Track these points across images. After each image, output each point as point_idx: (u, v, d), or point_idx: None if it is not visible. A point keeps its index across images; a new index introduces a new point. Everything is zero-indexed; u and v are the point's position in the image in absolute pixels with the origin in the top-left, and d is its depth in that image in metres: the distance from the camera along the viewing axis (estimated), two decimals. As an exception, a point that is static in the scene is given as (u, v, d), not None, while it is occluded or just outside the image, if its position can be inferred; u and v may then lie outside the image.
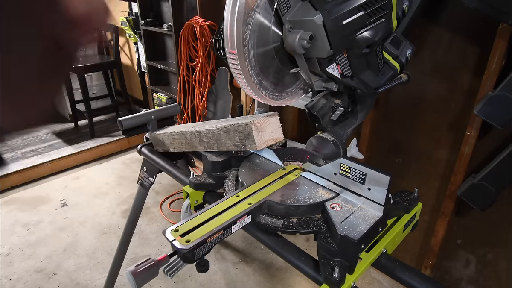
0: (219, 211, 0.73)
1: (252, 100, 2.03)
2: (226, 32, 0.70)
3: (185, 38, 2.26)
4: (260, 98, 0.81)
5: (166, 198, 2.47)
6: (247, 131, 0.85)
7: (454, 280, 1.53)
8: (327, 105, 0.91)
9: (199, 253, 0.64)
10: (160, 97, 2.77)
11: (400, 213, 0.88)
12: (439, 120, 1.37)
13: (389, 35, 0.82)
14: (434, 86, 1.35)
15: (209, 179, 0.98)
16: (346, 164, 0.77)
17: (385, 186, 0.70)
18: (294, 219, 0.77)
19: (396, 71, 0.84)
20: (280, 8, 0.71)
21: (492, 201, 1.15)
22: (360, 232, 0.67)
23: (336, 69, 0.75)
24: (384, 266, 0.77)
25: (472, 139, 1.20)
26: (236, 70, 0.73)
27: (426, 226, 1.55)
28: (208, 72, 2.30)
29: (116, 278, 1.60)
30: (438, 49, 1.29)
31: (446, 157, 1.40)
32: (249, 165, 0.97)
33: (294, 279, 1.80)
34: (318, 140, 0.93)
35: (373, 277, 1.80)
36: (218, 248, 2.01)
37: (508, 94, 1.01)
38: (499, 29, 1.05)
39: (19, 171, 2.57)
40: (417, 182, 1.54)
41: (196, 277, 1.80)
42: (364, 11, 0.70)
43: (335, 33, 0.68)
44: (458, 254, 1.48)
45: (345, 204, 0.77)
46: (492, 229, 1.34)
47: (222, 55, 2.03)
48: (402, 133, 1.53)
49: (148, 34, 2.61)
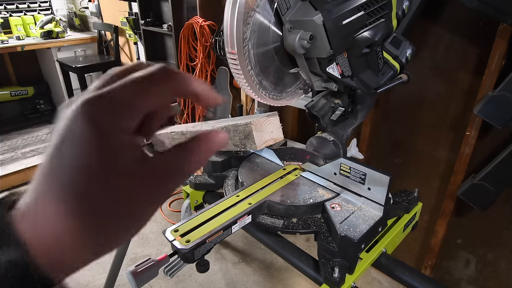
0: (219, 211, 0.73)
1: (252, 100, 2.03)
2: (226, 32, 0.70)
3: (185, 38, 2.26)
4: (260, 98, 0.81)
5: (166, 198, 2.47)
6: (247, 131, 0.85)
7: (454, 280, 1.53)
8: (327, 105, 0.91)
9: (199, 253, 0.64)
10: (160, 97, 2.77)
11: (400, 213, 0.88)
12: (439, 120, 1.37)
13: (389, 35, 0.82)
14: (434, 86, 1.34)
15: (209, 179, 0.98)
16: (346, 164, 0.77)
17: (385, 186, 0.70)
18: (294, 219, 0.77)
19: (396, 71, 0.85)
20: (280, 8, 0.71)
21: (492, 201, 1.15)
22: (360, 232, 0.67)
23: (336, 69, 0.75)
24: (384, 266, 0.77)
25: (472, 140, 1.20)
26: (236, 70, 0.73)
27: (426, 226, 1.55)
28: (208, 72, 2.30)
29: (116, 278, 1.60)
30: (438, 49, 1.29)
31: (446, 157, 1.40)
32: (249, 165, 0.97)
33: (294, 279, 1.80)
34: (318, 140, 0.93)
35: (373, 277, 1.80)
36: (218, 248, 2.01)
37: (508, 94, 1.01)
38: (499, 29, 1.05)
39: (19, 171, 2.57)
40: (417, 182, 1.53)
41: (196, 277, 1.80)
42: (364, 11, 0.70)
43: (335, 33, 0.68)
44: (458, 254, 1.48)
45: (345, 204, 0.77)
46: (492, 229, 1.34)
47: (222, 55, 2.03)
48: (402, 133, 1.53)
49: (148, 34, 2.61)
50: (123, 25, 2.88)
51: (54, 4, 3.53)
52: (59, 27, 3.14)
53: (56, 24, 3.12)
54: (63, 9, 3.66)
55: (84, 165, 0.20)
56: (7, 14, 3.13)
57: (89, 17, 3.57)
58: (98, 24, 3.28)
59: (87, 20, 3.63)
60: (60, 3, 3.61)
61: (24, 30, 3.16)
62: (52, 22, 3.09)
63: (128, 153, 0.22)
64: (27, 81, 3.52)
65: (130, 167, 0.21)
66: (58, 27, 3.13)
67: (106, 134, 0.21)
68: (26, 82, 3.51)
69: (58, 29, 3.10)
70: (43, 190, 0.21)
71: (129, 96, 0.22)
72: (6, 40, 2.88)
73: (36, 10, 3.34)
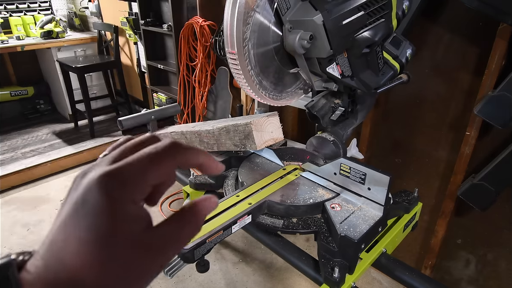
0: (219, 211, 0.73)
1: (252, 100, 2.03)
2: (226, 32, 0.70)
3: (185, 38, 2.26)
4: (260, 98, 0.81)
5: (166, 198, 2.47)
6: (247, 131, 0.85)
7: (454, 280, 1.53)
8: (327, 105, 0.91)
9: (199, 253, 0.64)
10: (160, 97, 2.77)
11: (400, 213, 0.88)
12: (439, 120, 1.37)
13: (389, 35, 0.82)
14: (434, 86, 1.34)
15: (209, 179, 0.98)
16: (346, 164, 0.77)
17: (385, 186, 0.70)
18: (294, 219, 0.77)
19: (396, 71, 0.84)
20: (280, 8, 0.71)
21: (492, 201, 1.15)
22: (360, 232, 0.67)
23: (336, 69, 0.75)
24: (384, 266, 0.77)
25: (472, 140, 1.20)
26: (236, 70, 0.73)
27: (426, 226, 1.55)
28: (208, 72, 2.30)
29: None
30: (438, 49, 1.29)
31: (446, 157, 1.40)
32: (249, 165, 0.97)
33: (294, 279, 1.80)
34: (318, 140, 0.93)
35: (373, 277, 1.80)
36: (218, 248, 2.01)
37: (508, 94, 1.01)
38: (499, 29, 1.05)
39: (19, 171, 2.57)
40: (417, 182, 1.53)
41: (196, 277, 1.80)
42: (364, 11, 0.70)
43: (335, 33, 0.68)
44: (458, 254, 1.48)
45: (345, 204, 0.77)
46: (492, 229, 1.34)
47: (222, 55, 2.03)
48: (402, 133, 1.53)
49: (148, 34, 2.61)
50: (123, 25, 2.88)
51: (54, 4, 3.53)
52: (59, 27, 3.14)
53: (56, 24, 3.12)
54: (63, 9, 3.66)
55: (96, 235, 0.22)
56: (7, 14, 3.13)
57: (89, 17, 3.57)
58: (98, 24, 3.28)
59: (87, 20, 3.63)
60: (60, 3, 3.61)
61: (24, 30, 3.16)
62: (52, 22, 3.09)
63: (137, 223, 0.23)
64: (27, 81, 3.52)
65: (138, 236, 0.23)
66: (58, 27, 3.13)
67: (119, 206, 0.22)
68: (26, 82, 3.51)
69: (58, 29, 3.10)
70: (54, 257, 0.22)
71: (141, 172, 0.24)
72: (6, 40, 2.88)
73: (36, 10, 3.34)
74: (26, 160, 2.73)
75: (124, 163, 0.24)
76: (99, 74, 3.51)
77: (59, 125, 3.42)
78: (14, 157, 2.79)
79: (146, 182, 0.24)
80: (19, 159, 2.74)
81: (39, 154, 2.84)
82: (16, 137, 3.15)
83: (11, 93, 3.38)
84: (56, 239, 0.22)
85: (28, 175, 2.61)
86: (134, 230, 0.23)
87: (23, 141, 3.08)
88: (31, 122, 3.47)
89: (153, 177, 0.24)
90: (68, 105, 3.32)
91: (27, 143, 3.05)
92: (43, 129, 3.34)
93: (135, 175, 0.23)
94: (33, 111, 3.58)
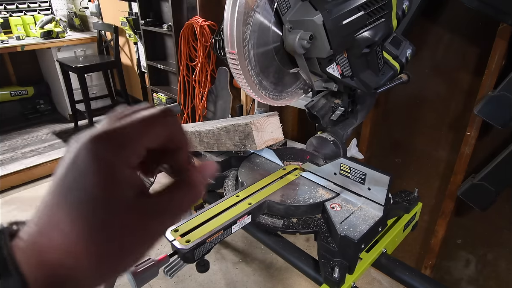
0: (219, 211, 0.73)
1: (252, 100, 2.03)
2: (226, 32, 0.70)
3: (185, 38, 2.26)
4: (260, 98, 0.81)
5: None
6: (247, 131, 0.85)
7: (454, 280, 1.53)
8: (327, 105, 0.91)
9: (199, 253, 0.64)
10: (160, 97, 2.77)
11: (400, 213, 0.88)
12: (439, 120, 1.37)
13: (389, 35, 0.82)
14: (434, 86, 1.34)
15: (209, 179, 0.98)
16: (346, 164, 0.77)
17: (385, 186, 0.70)
18: (294, 219, 0.77)
19: (396, 71, 0.84)
20: (280, 8, 0.71)
21: (492, 201, 1.15)
22: (360, 232, 0.67)
23: (336, 69, 0.75)
24: (384, 266, 0.77)
25: (472, 140, 1.20)
26: (236, 70, 0.73)
27: (426, 226, 1.55)
28: (208, 72, 2.30)
29: (116, 278, 1.60)
30: (438, 49, 1.29)
31: (446, 157, 1.40)
32: (249, 165, 0.97)
33: (294, 279, 1.80)
34: (318, 140, 0.93)
35: (373, 277, 1.80)
36: (218, 248, 2.01)
37: (508, 94, 1.01)
38: (499, 29, 1.05)
39: (19, 171, 2.57)
40: (417, 182, 1.53)
41: (196, 277, 1.80)
42: (364, 11, 0.70)
43: (335, 33, 0.68)
44: (458, 254, 1.48)
45: (345, 204, 0.77)
46: (492, 229, 1.34)
47: (222, 55, 2.03)
48: (402, 133, 1.53)
49: (148, 34, 2.61)
50: (123, 25, 2.88)
51: (54, 4, 3.53)
52: (59, 27, 3.14)
53: (56, 24, 3.12)
54: (63, 9, 3.66)
55: (88, 197, 0.21)
56: (7, 14, 3.13)
57: (89, 17, 3.57)
58: (98, 24, 3.28)
59: (87, 20, 3.63)
60: (60, 3, 3.61)
61: (24, 30, 3.16)
62: (52, 22, 3.09)
63: (129, 185, 0.23)
64: (27, 81, 3.52)
65: (130, 200, 0.22)
66: (58, 27, 3.13)
67: (109, 169, 0.22)
68: (26, 82, 3.51)
69: (58, 29, 3.10)
70: (47, 221, 0.22)
71: (132, 134, 0.23)
72: (6, 40, 2.88)
73: (36, 10, 3.34)
74: (26, 160, 2.73)
75: (115, 125, 0.23)
76: (99, 74, 3.51)
77: (59, 125, 3.42)
78: (14, 157, 2.79)
79: (138, 144, 0.23)
80: (19, 159, 2.74)
81: (39, 154, 2.84)
82: (16, 137, 3.15)
83: (11, 93, 3.38)
84: (51, 203, 0.22)
85: (28, 175, 2.61)
86: (127, 194, 0.22)
87: (23, 141, 3.08)
88: (31, 122, 3.47)
89: (146, 140, 0.24)
90: (68, 105, 3.31)
91: (27, 143, 3.04)
92: (43, 129, 3.34)
93: (127, 137, 0.23)
94: (33, 111, 3.58)
